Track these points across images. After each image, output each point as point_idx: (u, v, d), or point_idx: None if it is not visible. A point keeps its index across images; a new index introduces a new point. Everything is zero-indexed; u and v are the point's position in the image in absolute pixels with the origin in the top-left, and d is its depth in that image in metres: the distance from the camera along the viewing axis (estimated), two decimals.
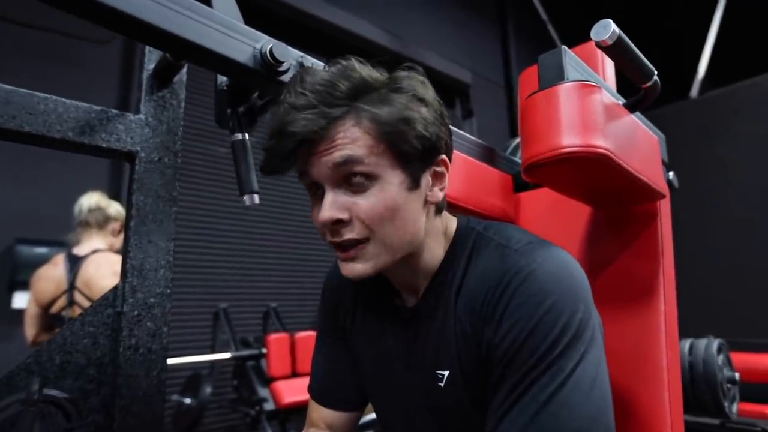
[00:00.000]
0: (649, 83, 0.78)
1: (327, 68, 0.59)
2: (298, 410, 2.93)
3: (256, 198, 0.82)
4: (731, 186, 4.19)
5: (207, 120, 3.56)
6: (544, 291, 0.52)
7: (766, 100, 5.41)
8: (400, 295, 0.69)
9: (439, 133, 0.59)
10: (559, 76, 0.76)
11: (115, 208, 1.92)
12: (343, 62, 0.58)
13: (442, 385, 0.61)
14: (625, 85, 0.94)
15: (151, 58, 0.88)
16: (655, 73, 0.77)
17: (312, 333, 3.21)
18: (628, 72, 0.76)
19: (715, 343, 1.91)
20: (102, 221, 1.87)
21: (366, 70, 0.57)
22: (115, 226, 1.91)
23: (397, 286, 0.69)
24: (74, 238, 1.87)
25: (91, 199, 1.88)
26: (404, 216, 0.57)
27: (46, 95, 0.75)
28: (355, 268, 0.58)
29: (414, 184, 0.58)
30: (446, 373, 0.60)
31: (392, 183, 0.56)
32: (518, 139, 1.37)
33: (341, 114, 0.54)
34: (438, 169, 0.61)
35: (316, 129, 0.53)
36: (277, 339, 3.00)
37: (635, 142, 0.80)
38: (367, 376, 0.73)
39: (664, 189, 0.87)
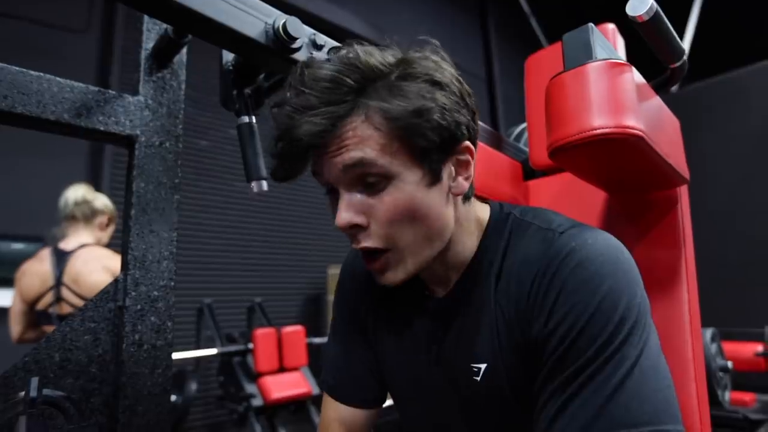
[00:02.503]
0: (678, 63, 0.76)
1: (330, 58, 0.54)
2: (286, 406, 2.89)
3: (265, 185, 0.78)
4: (711, 179, 4.28)
5: (189, 111, 3.46)
6: (599, 276, 0.49)
7: (744, 94, 5.54)
8: (427, 286, 0.65)
9: (459, 120, 0.53)
10: (587, 55, 0.73)
11: (102, 201, 1.84)
12: (348, 51, 0.52)
13: (478, 379, 0.57)
14: None
15: (150, 36, 0.82)
16: (686, 52, 0.75)
17: (298, 328, 3.16)
18: (658, 50, 0.73)
19: (709, 332, 1.93)
20: (89, 215, 1.79)
21: (374, 58, 0.51)
22: (103, 219, 1.83)
23: (424, 279, 0.65)
24: (60, 232, 1.78)
25: (77, 192, 1.79)
26: (425, 214, 0.53)
27: (40, 73, 0.69)
28: (387, 279, 0.56)
29: (434, 178, 0.54)
30: (483, 366, 0.57)
31: (409, 182, 0.52)
32: (522, 126, 1.35)
33: (347, 111, 0.50)
34: (461, 157, 0.56)
35: (321, 131, 0.49)
36: (264, 334, 2.94)
37: (662, 125, 0.77)
38: (389, 372, 0.69)
39: (687, 174, 0.85)
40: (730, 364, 2.11)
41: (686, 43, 5.10)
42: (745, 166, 5.24)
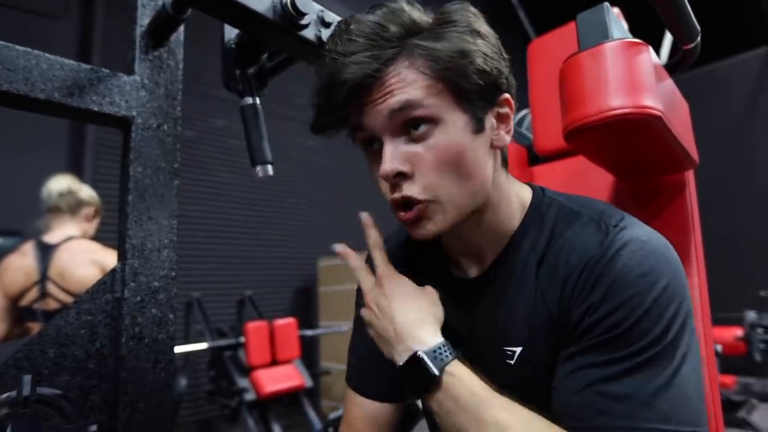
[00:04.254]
0: (692, 45, 0.74)
1: (372, 13, 0.53)
2: (280, 399, 2.86)
3: (270, 169, 0.75)
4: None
5: None
6: (656, 272, 0.48)
7: (724, 86, 5.62)
8: (459, 265, 0.63)
9: (500, 68, 0.54)
10: (603, 35, 0.71)
11: (87, 192, 1.77)
12: (390, 5, 0.53)
13: (512, 362, 0.56)
14: None
15: (145, 12, 0.77)
16: (700, 33, 0.73)
17: (291, 320, 3.13)
18: (674, 30, 0.72)
19: None
20: (74, 206, 1.72)
21: (415, 11, 0.53)
22: (89, 211, 1.76)
23: (454, 254, 0.63)
24: (43, 224, 1.71)
25: (61, 183, 1.72)
26: (471, 163, 0.53)
27: (27, 49, 0.65)
28: (424, 229, 0.54)
29: (479, 126, 0.53)
30: (518, 349, 0.55)
31: (456, 125, 0.51)
32: (522, 113, 1.33)
33: (393, 55, 0.50)
34: (502, 110, 0.56)
35: (369, 72, 0.49)
36: (256, 327, 2.90)
37: (676, 106, 0.76)
38: None
39: (696, 156, 0.84)
40: (719, 347, 2.14)
41: (667, 38, 5.15)
42: (725, 156, 5.34)
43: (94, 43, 3.10)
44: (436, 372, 0.50)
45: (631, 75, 0.67)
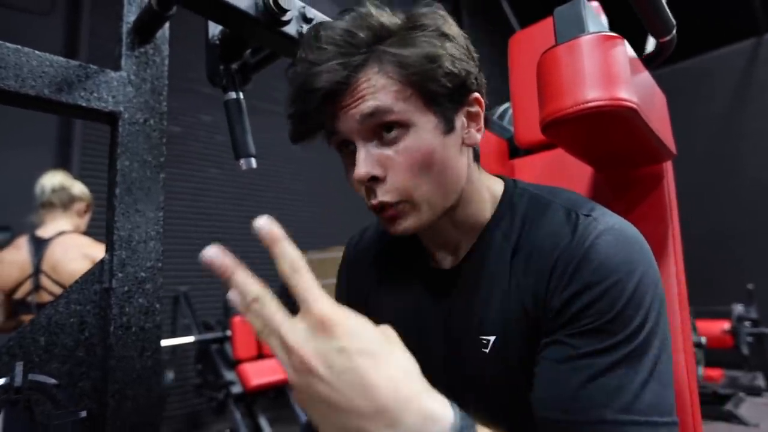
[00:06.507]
0: (668, 38, 0.76)
1: (341, 19, 0.54)
2: (266, 392, 2.88)
3: (254, 162, 0.77)
4: (676, 161, 4.46)
5: None
6: (634, 260, 0.49)
7: (708, 79, 5.68)
8: (435, 257, 0.64)
9: (468, 69, 0.55)
10: (579, 29, 0.73)
11: (80, 188, 1.80)
12: (359, 10, 0.54)
13: (486, 351, 0.57)
14: None
15: (131, 10, 0.78)
16: (675, 27, 0.75)
17: None
18: (648, 22, 0.74)
19: None
20: (67, 201, 1.75)
21: (384, 15, 0.54)
22: (81, 206, 1.79)
23: (431, 247, 0.64)
24: (36, 219, 1.73)
25: (53, 179, 1.75)
26: (443, 163, 0.54)
27: (17, 46, 0.66)
28: (400, 227, 0.55)
29: (448, 126, 0.55)
30: (492, 338, 0.56)
31: (426, 129, 0.53)
32: (505, 106, 1.35)
33: (363, 61, 0.51)
34: (472, 109, 0.58)
35: (339, 80, 0.50)
36: (242, 321, 2.91)
37: (653, 99, 0.79)
38: None
39: (674, 148, 0.87)
40: (703, 339, 2.17)
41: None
42: (713, 149, 5.41)
43: (81, 39, 3.08)
44: None
45: (606, 68, 0.69)
